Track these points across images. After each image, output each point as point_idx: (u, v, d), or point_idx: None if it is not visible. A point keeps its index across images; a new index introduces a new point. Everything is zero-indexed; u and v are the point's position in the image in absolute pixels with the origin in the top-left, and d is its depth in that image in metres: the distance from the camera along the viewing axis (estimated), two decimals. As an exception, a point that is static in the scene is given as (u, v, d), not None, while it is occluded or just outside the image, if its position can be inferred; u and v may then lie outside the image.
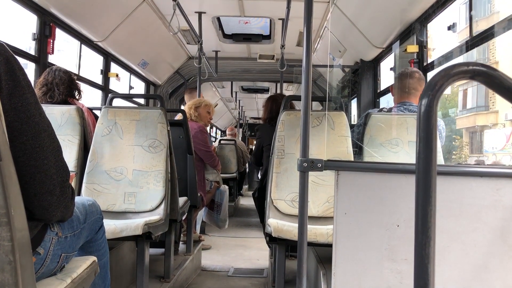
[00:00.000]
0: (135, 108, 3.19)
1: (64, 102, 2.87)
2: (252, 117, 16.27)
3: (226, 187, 5.05)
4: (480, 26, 2.59)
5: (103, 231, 1.81)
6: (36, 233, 1.28)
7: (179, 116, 4.26)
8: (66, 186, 1.27)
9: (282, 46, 4.97)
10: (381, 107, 3.80)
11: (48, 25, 3.39)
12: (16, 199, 0.91)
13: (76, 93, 2.97)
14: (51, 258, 1.35)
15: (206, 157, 4.31)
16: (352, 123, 3.77)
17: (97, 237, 1.75)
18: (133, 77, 5.61)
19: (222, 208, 4.90)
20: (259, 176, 4.32)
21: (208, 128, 4.93)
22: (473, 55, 2.63)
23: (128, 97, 5.32)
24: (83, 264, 1.52)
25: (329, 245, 1.55)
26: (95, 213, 1.71)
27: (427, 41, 3.43)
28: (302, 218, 1.56)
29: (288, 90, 8.68)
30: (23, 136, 1.11)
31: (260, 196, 3.94)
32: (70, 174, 1.35)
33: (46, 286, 1.30)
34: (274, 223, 2.33)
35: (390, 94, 3.02)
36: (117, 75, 4.81)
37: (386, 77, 4.52)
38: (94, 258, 1.62)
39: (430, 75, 3.33)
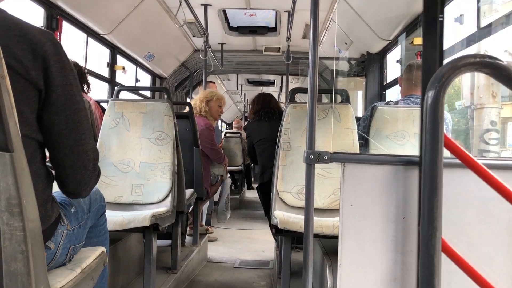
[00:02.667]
0: (142, 100, 3.20)
1: (72, 94, 2.88)
2: (257, 110, 16.19)
3: (230, 180, 5.04)
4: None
5: (105, 219, 1.79)
6: (48, 226, 1.31)
7: (188, 109, 4.26)
8: (97, 165, 1.38)
9: (288, 39, 4.95)
10: (387, 100, 3.78)
11: (55, 18, 3.40)
12: (28, 190, 0.92)
13: (85, 86, 2.99)
14: (61, 252, 1.38)
15: (213, 155, 4.29)
16: (357, 115, 3.77)
17: (98, 223, 1.73)
18: (139, 70, 5.62)
19: (220, 201, 4.92)
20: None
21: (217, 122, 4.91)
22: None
23: (134, 89, 5.33)
24: (92, 255, 1.54)
25: (335, 237, 1.56)
26: (99, 200, 1.70)
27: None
28: (308, 210, 1.56)
29: (293, 83, 8.65)
30: (67, 111, 1.23)
31: (264, 190, 3.98)
32: None
33: (56, 276, 1.32)
34: (280, 215, 2.34)
35: (399, 86, 3.01)
36: (123, 68, 4.82)
37: (393, 70, 4.51)
38: (103, 248, 1.64)
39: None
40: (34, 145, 1.22)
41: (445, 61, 1.00)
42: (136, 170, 2.72)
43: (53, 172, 1.37)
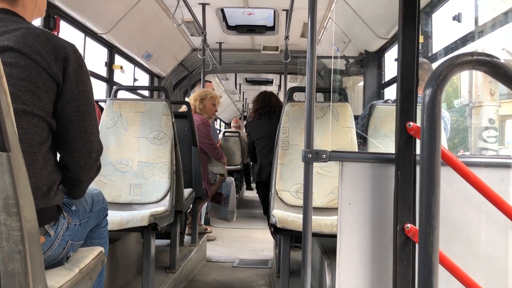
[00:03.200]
0: (140, 100, 3.20)
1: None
2: (256, 109, 16.19)
3: (232, 179, 5.05)
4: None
5: (107, 222, 1.83)
6: (48, 209, 1.35)
7: (183, 108, 4.25)
8: (99, 157, 1.55)
9: (286, 38, 4.94)
10: (385, 98, 3.78)
11: (52, 17, 3.39)
12: (25, 190, 0.92)
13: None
14: (59, 242, 1.41)
15: (210, 150, 4.30)
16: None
17: (101, 225, 1.77)
18: (137, 69, 5.61)
19: (230, 200, 4.91)
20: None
21: (212, 120, 4.90)
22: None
23: (132, 89, 5.32)
24: (90, 255, 1.54)
25: (334, 236, 1.56)
26: (101, 202, 1.75)
27: (431, 31, 3.41)
28: (307, 209, 1.56)
29: (292, 81, 8.65)
30: (78, 101, 1.43)
31: (261, 189, 3.98)
32: None
33: (54, 275, 1.32)
34: (278, 214, 2.34)
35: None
36: (121, 67, 4.81)
37: (391, 68, 4.50)
38: (101, 248, 1.64)
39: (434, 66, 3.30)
40: (47, 130, 1.37)
41: (442, 60, 1.00)
42: (134, 170, 2.71)
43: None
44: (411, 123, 1.24)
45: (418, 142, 1.28)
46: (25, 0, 1.47)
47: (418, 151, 1.29)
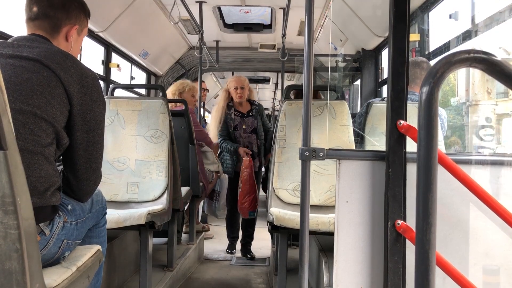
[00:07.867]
0: (137, 98, 3.19)
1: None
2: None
3: (226, 176, 5.03)
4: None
5: (105, 221, 1.84)
6: (44, 209, 1.36)
7: (172, 105, 4.23)
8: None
9: (283, 36, 4.94)
10: (383, 96, 3.79)
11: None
12: (23, 188, 0.92)
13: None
14: (54, 241, 1.41)
15: (198, 136, 4.25)
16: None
17: (99, 224, 1.78)
18: (134, 67, 5.59)
19: (220, 197, 4.89)
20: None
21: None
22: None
23: (129, 87, 5.30)
24: (87, 253, 1.54)
25: (331, 234, 1.56)
26: (100, 201, 1.75)
27: (428, 30, 3.41)
28: (304, 206, 1.56)
29: (289, 80, 8.64)
30: (94, 132, 1.54)
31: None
32: None
33: (51, 274, 1.32)
34: (276, 212, 2.34)
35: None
36: (118, 66, 4.79)
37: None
38: (98, 246, 1.64)
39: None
40: (53, 136, 1.42)
41: (439, 58, 1.00)
42: (131, 168, 2.71)
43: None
44: (402, 121, 1.26)
45: (408, 140, 1.29)
46: (61, 43, 1.60)
47: (408, 149, 1.30)
